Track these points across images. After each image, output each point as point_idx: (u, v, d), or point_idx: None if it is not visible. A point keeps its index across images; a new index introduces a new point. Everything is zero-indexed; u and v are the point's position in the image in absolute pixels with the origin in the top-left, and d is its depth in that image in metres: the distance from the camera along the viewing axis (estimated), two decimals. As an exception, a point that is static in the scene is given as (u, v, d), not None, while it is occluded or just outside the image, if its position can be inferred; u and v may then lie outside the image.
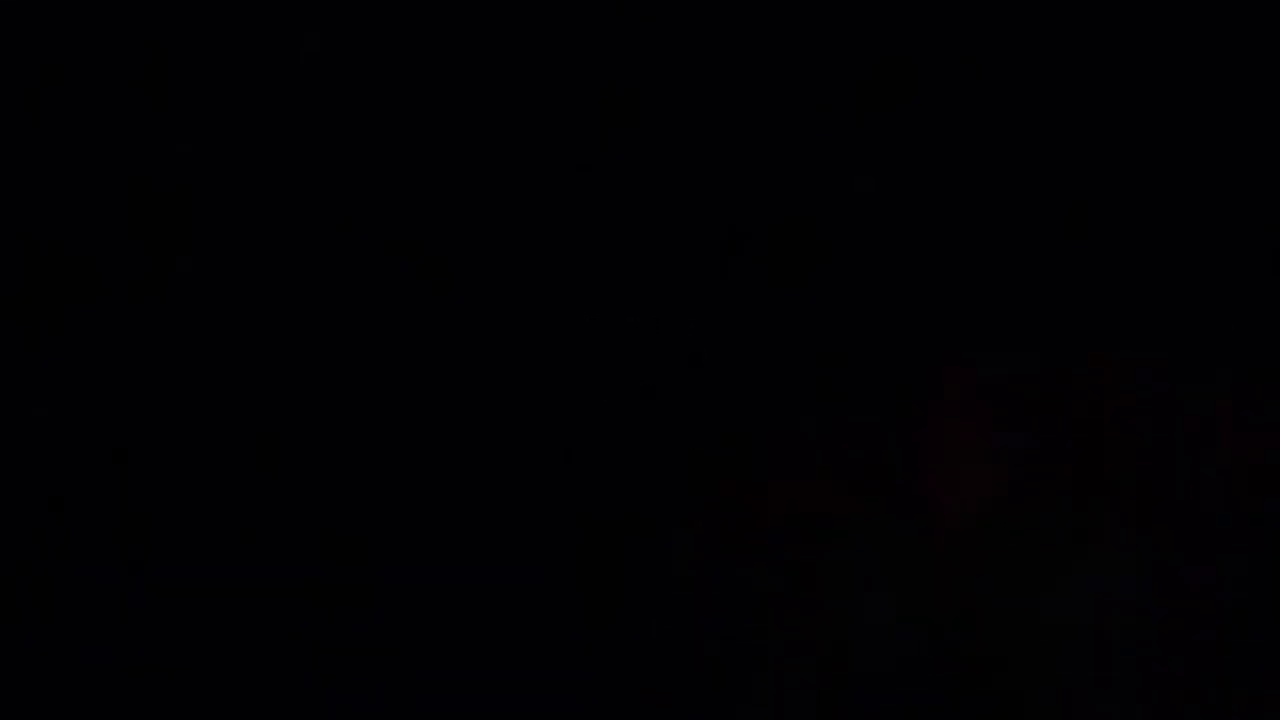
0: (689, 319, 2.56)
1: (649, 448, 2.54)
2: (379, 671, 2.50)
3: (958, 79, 2.51)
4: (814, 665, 2.46)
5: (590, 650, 2.50)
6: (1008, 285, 2.54)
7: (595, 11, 2.56)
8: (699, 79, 2.53)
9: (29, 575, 2.51)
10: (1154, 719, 2.41)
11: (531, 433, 2.53)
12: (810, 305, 2.54)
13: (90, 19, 2.56)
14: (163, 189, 2.57)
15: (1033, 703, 2.43)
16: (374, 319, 2.56)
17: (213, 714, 2.49)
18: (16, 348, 2.54)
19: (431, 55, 2.58)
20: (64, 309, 2.55)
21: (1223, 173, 2.52)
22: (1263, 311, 2.50)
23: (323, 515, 2.53)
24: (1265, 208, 2.51)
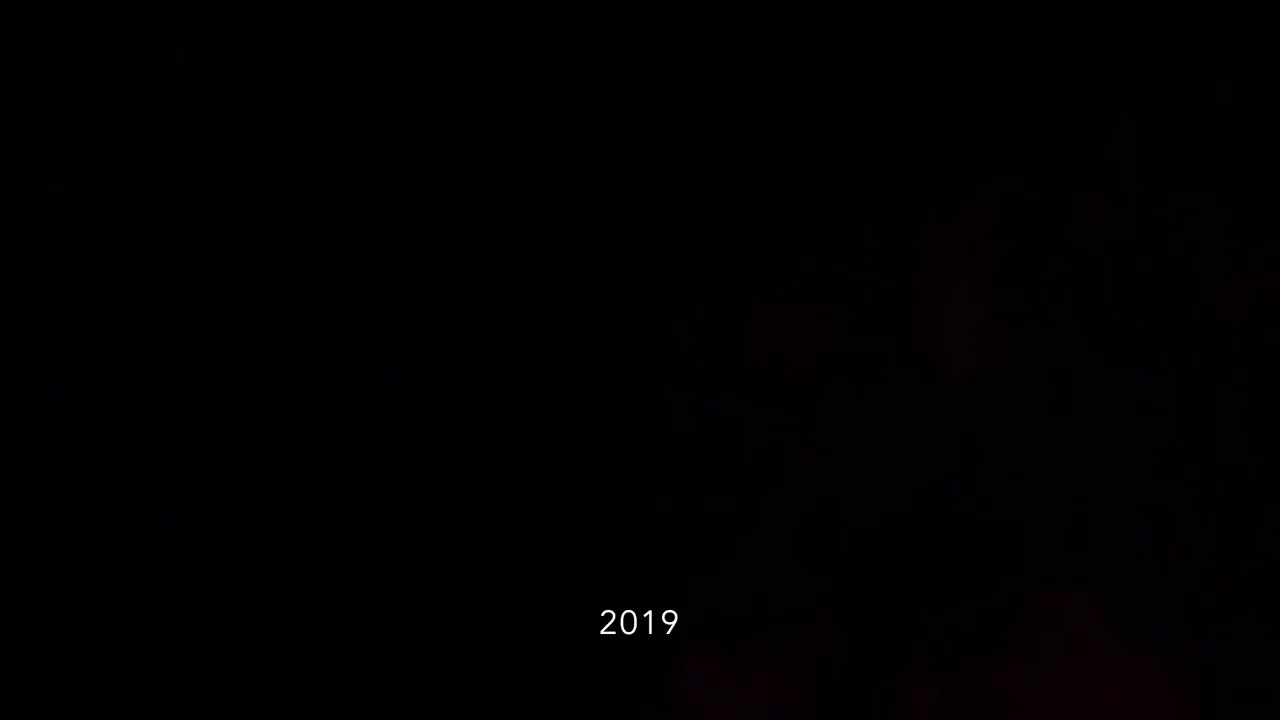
0: (689, 161, 2.55)
1: (646, 292, 2.54)
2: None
3: None
4: (809, 518, 2.45)
5: (583, 503, 2.49)
6: (1002, 127, 2.54)
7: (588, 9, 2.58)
8: None
9: (28, 575, 2.51)
10: (1154, 569, 2.41)
11: (526, 280, 2.52)
12: (805, 148, 2.54)
13: (89, 18, 2.58)
14: (161, 188, 2.58)
15: (1032, 555, 2.43)
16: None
17: (213, 714, 2.49)
18: (16, 347, 2.55)
19: (430, 55, 2.60)
20: (63, 308, 2.56)
21: (1215, 9, 2.53)
22: (1259, 147, 2.51)
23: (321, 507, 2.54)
24: (1262, 42, 2.51)
